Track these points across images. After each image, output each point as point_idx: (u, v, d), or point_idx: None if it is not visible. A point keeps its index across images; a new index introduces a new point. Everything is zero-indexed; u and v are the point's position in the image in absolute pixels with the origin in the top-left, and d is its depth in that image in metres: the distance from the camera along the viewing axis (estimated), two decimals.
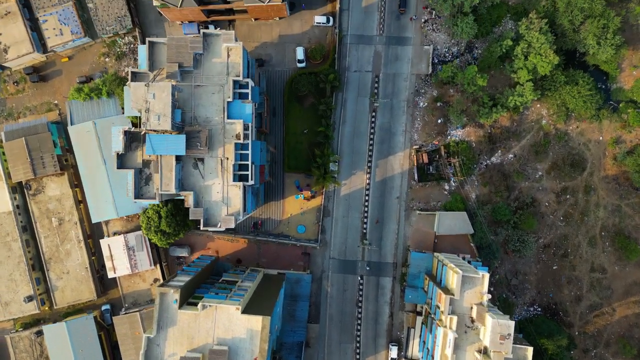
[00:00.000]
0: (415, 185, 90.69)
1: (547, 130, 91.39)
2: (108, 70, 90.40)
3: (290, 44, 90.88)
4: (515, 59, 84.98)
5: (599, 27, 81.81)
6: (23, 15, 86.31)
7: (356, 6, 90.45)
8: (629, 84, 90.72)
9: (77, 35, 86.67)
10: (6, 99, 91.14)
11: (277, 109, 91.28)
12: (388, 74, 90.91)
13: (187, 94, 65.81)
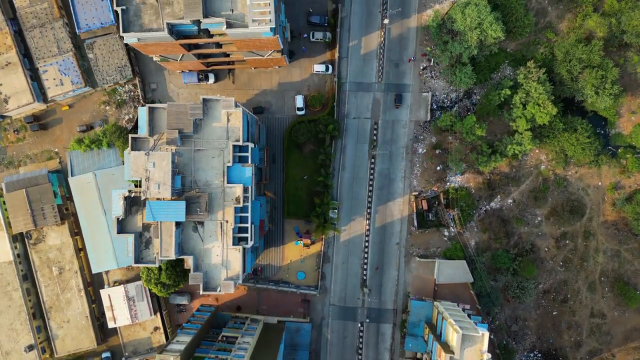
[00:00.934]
0: (414, 232, 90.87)
1: (546, 175, 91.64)
2: (108, 118, 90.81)
3: (289, 92, 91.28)
4: (514, 107, 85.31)
5: (597, 77, 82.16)
6: (23, 65, 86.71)
7: (355, 54, 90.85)
8: (627, 129, 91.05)
9: (78, 85, 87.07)
10: (6, 147, 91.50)
11: (277, 156, 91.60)
12: (387, 120, 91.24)
13: (187, 158, 66.14)
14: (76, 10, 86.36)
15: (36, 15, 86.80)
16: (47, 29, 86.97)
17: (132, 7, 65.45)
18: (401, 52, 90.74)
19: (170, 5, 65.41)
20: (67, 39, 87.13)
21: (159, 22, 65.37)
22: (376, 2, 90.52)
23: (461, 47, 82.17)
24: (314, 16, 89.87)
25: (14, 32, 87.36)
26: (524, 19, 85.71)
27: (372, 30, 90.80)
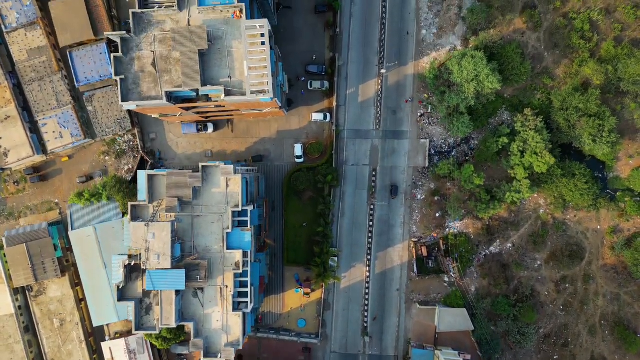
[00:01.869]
0: (415, 278, 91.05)
1: (545, 219, 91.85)
2: (108, 169, 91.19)
3: (288, 140, 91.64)
4: (512, 155, 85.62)
5: (595, 126, 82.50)
6: (22, 119, 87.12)
7: (353, 101, 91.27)
8: (625, 172, 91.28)
9: (77, 138, 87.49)
10: (7, 198, 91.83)
11: (277, 203, 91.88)
12: (385, 167, 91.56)
13: (186, 224, 66.44)
14: (75, 64, 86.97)
15: (35, 69, 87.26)
16: (46, 82, 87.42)
17: (131, 76, 65.86)
18: (398, 100, 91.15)
19: (168, 73, 65.83)
20: (66, 92, 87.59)
21: (157, 89, 65.78)
22: (373, 50, 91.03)
23: (458, 98, 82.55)
24: (312, 65, 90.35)
25: (13, 86, 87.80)
26: (521, 67, 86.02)
27: (369, 78, 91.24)
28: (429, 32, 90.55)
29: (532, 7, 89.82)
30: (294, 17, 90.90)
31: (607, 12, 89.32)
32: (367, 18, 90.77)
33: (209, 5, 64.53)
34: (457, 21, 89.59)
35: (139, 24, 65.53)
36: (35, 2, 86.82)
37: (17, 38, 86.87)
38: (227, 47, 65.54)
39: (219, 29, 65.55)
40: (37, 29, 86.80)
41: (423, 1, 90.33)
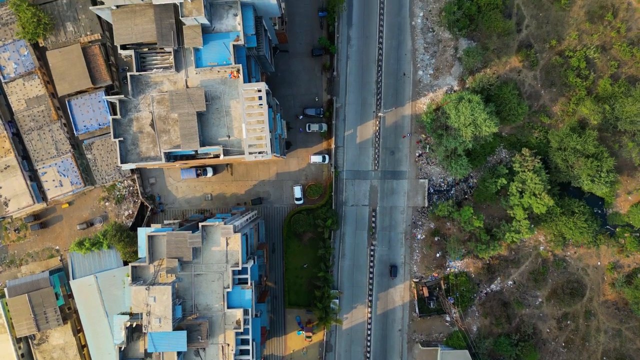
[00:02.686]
0: (416, 318, 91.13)
1: (545, 256, 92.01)
2: (108, 214, 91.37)
3: (287, 181, 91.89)
4: (511, 195, 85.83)
5: (593, 167, 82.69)
6: (22, 168, 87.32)
7: (351, 143, 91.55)
8: (624, 208, 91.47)
9: (77, 185, 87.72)
10: (8, 245, 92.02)
11: (277, 245, 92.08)
12: (385, 207, 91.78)
13: (187, 283, 66.61)
14: (74, 113, 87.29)
15: (34, 118, 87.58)
16: (45, 131, 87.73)
17: (130, 137, 66.17)
18: (396, 140, 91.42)
19: (167, 133, 66.13)
20: (65, 141, 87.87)
21: (156, 150, 66.09)
22: (371, 91, 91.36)
23: (456, 142, 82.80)
24: (310, 109, 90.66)
25: (12, 135, 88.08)
26: (518, 108, 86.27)
27: (367, 119, 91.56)
28: (425, 73, 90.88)
29: (527, 46, 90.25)
30: (290, 61, 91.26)
31: (603, 49, 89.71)
32: (363, 60, 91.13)
33: (206, 67, 64.80)
34: (453, 62, 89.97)
35: (137, 85, 65.86)
36: (32, 52, 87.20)
37: (15, 88, 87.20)
38: (225, 106, 65.88)
39: (216, 89, 65.91)
40: (35, 79, 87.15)
41: (419, 42, 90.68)
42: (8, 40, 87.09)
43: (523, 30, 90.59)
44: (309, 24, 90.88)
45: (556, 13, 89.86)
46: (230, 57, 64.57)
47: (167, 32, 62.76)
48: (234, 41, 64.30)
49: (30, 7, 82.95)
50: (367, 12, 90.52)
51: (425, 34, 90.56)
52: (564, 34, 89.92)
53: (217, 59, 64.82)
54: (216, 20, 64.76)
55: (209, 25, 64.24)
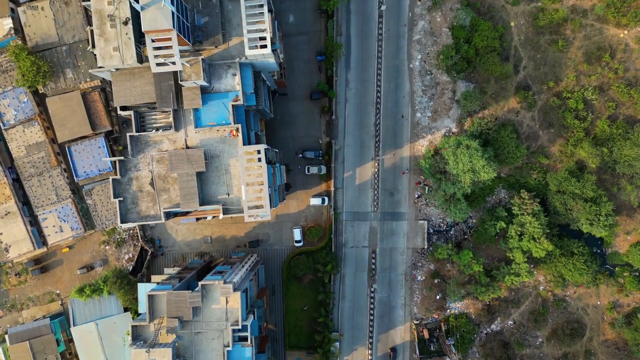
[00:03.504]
0: None
1: (545, 296, 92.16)
2: (108, 258, 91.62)
3: (287, 223, 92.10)
4: (510, 238, 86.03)
5: (592, 212, 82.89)
6: (23, 214, 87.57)
7: (350, 184, 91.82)
8: (624, 248, 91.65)
9: (77, 231, 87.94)
10: (9, 290, 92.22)
11: (277, 287, 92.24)
12: (385, 248, 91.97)
13: (187, 341, 66.74)
14: (73, 159, 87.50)
15: (34, 165, 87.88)
16: (45, 177, 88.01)
17: (129, 196, 66.47)
18: (395, 181, 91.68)
19: (166, 191, 66.41)
20: (65, 186, 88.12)
21: (156, 208, 66.35)
22: (369, 133, 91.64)
23: (454, 187, 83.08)
24: (309, 151, 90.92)
25: (12, 181, 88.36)
26: (516, 151, 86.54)
27: (366, 161, 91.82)
28: (423, 115, 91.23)
29: (525, 87, 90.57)
30: (289, 104, 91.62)
31: (601, 90, 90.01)
32: (362, 102, 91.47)
33: (206, 127, 65.14)
34: (451, 105, 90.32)
35: (137, 145, 66.18)
36: (32, 99, 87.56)
37: (15, 135, 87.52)
38: (225, 164, 66.19)
39: (216, 148, 66.23)
40: (35, 125, 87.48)
41: (417, 85, 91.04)
42: (8, 87, 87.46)
43: (521, 72, 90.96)
44: (307, 67, 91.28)
45: (554, 54, 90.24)
46: (229, 116, 64.89)
47: (167, 94, 63.11)
48: (232, 101, 64.62)
49: (29, 56, 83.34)
50: (365, 56, 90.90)
51: (423, 76, 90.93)
52: (561, 75, 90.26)
53: (216, 118, 65.16)
54: (215, 80, 65.11)
55: (208, 85, 64.56)
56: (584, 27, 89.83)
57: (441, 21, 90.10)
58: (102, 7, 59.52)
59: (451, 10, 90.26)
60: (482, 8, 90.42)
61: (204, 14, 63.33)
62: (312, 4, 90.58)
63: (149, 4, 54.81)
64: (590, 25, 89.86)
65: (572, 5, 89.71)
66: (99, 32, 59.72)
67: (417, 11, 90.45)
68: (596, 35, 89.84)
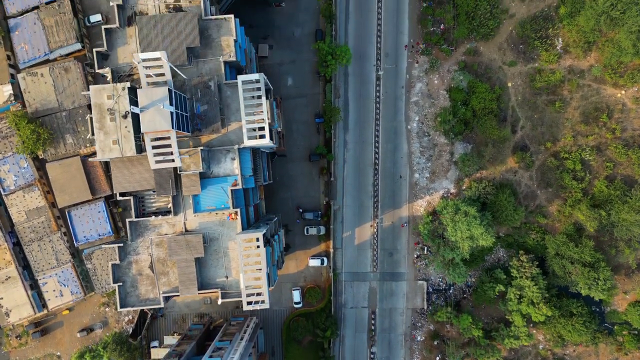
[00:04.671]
0: None
1: (545, 355, 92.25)
2: (108, 320, 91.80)
3: (286, 284, 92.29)
4: (509, 301, 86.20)
5: (590, 278, 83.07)
6: (23, 279, 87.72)
7: (349, 244, 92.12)
8: (622, 306, 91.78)
9: (77, 295, 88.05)
10: (9, 352, 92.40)
11: (276, 348, 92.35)
12: (384, 309, 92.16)
13: None
14: (74, 223, 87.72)
15: (34, 229, 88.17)
16: (45, 242, 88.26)
17: (129, 279, 66.79)
18: (394, 242, 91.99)
19: (166, 275, 66.73)
20: (65, 251, 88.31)
21: (155, 292, 66.66)
22: (368, 193, 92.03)
23: (453, 253, 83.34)
24: (308, 213, 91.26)
25: (12, 245, 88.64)
26: (514, 214, 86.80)
27: (365, 221, 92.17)
28: (421, 176, 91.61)
29: (523, 147, 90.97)
30: (288, 165, 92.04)
31: (599, 150, 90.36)
32: (360, 163, 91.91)
33: (205, 211, 65.51)
34: (449, 167, 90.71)
35: (136, 229, 66.58)
36: (32, 164, 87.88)
37: (15, 200, 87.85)
38: (224, 247, 66.53)
39: (214, 231, 66.59)
40: (35, 191, 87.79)
41: (415, 146, 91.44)
42: (8, 153, 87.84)
43: (518, 132, 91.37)
44: (306, 129, 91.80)
45: (551, 115, 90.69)
46: (228, 200, 65.27)
47: (165, 182, 63.52)
48: (231, 186, 65.00)
49: (29, 125, 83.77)
50: (363, 117, 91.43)
51: (421, 138, 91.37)
52: (559, 135, 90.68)
53: (215, 202, 65.55)
54: (214, 164, 65.53)
55: (207, 170, 64.94)
56: (581, 87, 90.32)
57: (439, 83, 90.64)
58: (101, 101, 60.02)
59: (448, 72, 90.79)
60: (479, 69, 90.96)
61: (203, 102, 63.83)
62: (310, 67, 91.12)
63: (148, 105, 55.32)
64: (587, 86, 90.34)
65: (569, 65, 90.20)
66: (99, 126, 60.21)
67: (414, 73, 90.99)
68: (593, 95, 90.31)
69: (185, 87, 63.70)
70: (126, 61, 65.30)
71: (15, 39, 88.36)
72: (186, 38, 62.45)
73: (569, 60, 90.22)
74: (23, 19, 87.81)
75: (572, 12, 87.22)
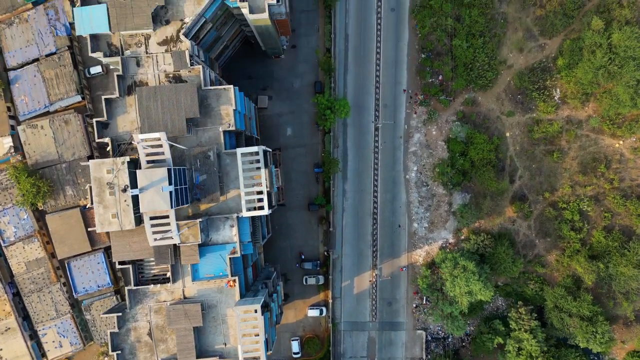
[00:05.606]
0: None
1: None
2: None
3: (285, 333, 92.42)
4: (508, 353, 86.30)
5: (588, 332, 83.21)
6: (23, 330, 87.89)
7: (348, 294, 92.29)
8: (620, 356, 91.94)
9: (76, 346, 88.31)
10: None
11: None
12: (383, 358, 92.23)
13: None
14: (73, 274, 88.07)
15: (34, 281, 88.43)
16: (45, 293, 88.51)
17: (127, 347, 66.90)
18: (393, 291, 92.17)
19: (164, 342, 66.86)
20: (64, 302, 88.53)
21: (153, 359, 66.73)
22: (367, 243, 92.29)
23: (452, 307, 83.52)
24: (307, 263, 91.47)
25: (12, 296, 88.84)
26: (512, 266, 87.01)
27: (363, 270, 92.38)
28: (420, 225, 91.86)
29: (521, 197, 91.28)
30: (288, 214, 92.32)
31: (597, 200, 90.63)
32: (359, 212, 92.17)
33: (203, 279, 65.74)
34: (447, 217, 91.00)
35: (135, 297, 66.77)
36: (32, 216, 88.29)
37: (15, 251, 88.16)
38: (222, 314, 66.67)
39: (213, 298, 66.75)
40: (35, 242, 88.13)
41: (413, 196, 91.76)
42: (8, 204, 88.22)
43: (516, 181, 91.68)
44: (305, 179, 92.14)
45: (549, 165, 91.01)
46: (226, 268, 65.49)
47: (164, 252, 63.78)
48: (230, 254, 65.25)
49: (29, 178, 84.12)
50: (362, 167, 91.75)
51: (419, 187, 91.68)
52: (557, 185, 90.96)
53: (214, 270, 65.74)
54: (213, 232, 65.77)
55: (206, 238, 65.19)
56: (579, 137, 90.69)
57: (437, 134, 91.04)
58: (101, 176, 60.34)
59: (447, 122, 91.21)
60: (477, 119, 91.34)
61: (202, 171, 64.15)
62: (309, 118, 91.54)
63: (147, 186, 55.67)
64: (585, 136, 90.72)
65: (567, 116, 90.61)
66: (98, 200, 60.49)
67: (412, 124, 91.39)
68: (591, 145, 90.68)
69: (185, 157, 64.03)
70: (126, 129, 65.58)
71: (16, 91, 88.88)
72: (186, 109, 62.79)
73: (566, 111, 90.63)
74: (23, 72, 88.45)
75: (570, 64, 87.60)
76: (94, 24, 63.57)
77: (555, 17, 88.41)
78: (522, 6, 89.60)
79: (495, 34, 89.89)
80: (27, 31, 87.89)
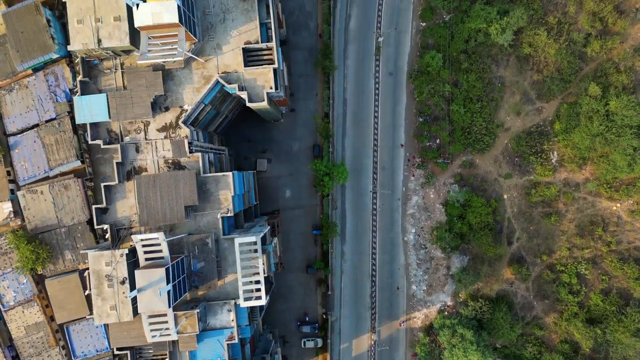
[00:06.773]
0: None
1: None
2: None
3: None
4: None
5: None
6: None
7: (347, 356, 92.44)
8: None
9: None
10: None
11: None
12: None
13: None
14: (72, 339, 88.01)
15: (33, 345, 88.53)
16: (44, 357, 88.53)
17: None
18: (392, 354, 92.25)
19: None
20: None
21: None
22: (365, 305, 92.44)
23: None
24: (305, 326, 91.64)
25: (11, 359, 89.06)
26: (510, 331, 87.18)
27: (362, 332, 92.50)
28: (419, 288, 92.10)
29: (519, 259, 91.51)
30: (286, 276, 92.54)
31: (594, 263, 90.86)
32: (357, 274, 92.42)
33: None
34: (446, 281, 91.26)
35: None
36: (31, 280, 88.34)
37: (15, 316, 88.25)
38: None
39: None
40: (34, 306, 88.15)
41: (412, 258, 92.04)
42: (7, 269, 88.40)
43: (514, 243, 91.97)
44: (303, 240, 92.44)
45: (547, 227, 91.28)
46: (224, 353, 65.68)
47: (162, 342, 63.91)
48: (227, 339, 65.45)
49: (29, 245, 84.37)
50: (360, 229, 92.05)
51: (417, 250, 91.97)
52: (555, 247, 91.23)
53: (212, 355, 65.92)
54: (210, 317, 66.01)
55: (204, 323, 65.41)
56: (576, 200, 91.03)
57: (434, 197, 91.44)
58: (99, 268, 60.72)
59: (444, 185, 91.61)
60: (475, 182, 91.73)
61: (200, 259, 64.49)
62: (308, 180, 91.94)
63: (145, 287, 56.01)
64: (583, 199, 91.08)
65: (564, 178, 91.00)
66: (97, 292, 60.88)
67: (410, 186, 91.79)
68: (589, 208, 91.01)
69: (183, 244, 64.38)
70: (125, 214, 66.05)
71: (15, 156, 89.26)
72: (185, 198, 63.21)
73: (564, 174, 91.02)
74: (23, 137, 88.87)
75: (567, 129, 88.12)
76: (93, 112, 64.16)
77: (552, 82, 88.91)
78: (520, 70, 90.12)
79: (492, 98, 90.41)
80: (27, 97, 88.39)
